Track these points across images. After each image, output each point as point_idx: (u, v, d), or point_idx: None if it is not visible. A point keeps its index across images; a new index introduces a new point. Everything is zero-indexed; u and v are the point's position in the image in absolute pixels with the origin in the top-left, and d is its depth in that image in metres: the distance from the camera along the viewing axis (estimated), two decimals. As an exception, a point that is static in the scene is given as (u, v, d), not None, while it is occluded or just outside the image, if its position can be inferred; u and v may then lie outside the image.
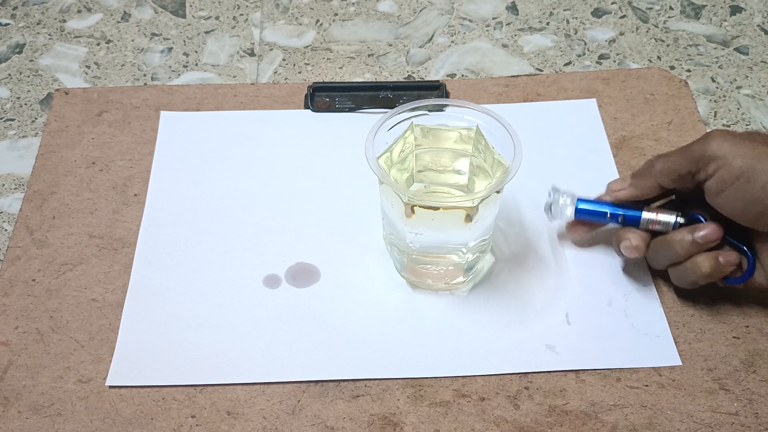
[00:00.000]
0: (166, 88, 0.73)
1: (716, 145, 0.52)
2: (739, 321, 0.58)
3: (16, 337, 0.57)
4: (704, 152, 0.53)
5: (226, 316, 0.58)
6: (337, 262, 0.61)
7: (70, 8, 0.83)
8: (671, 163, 0.55)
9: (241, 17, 0.82)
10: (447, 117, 0.58)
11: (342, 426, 0.53)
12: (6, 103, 0.74)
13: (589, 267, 0.61)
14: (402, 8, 0.83)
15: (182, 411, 0.53)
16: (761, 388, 0.54)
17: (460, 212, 0.54)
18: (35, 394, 0.54)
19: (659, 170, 0.56)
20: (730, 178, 0.52)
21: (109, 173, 0.67)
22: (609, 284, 0.60)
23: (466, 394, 0.54)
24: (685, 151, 0.55)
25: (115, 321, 0.58)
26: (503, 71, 0.77)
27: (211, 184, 0.66)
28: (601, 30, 0.81)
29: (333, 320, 0.58)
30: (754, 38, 0.80)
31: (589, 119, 0.71)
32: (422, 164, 0.59)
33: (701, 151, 0.53)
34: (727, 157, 0.52)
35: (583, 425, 0.53)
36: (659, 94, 0.72)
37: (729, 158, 0.52)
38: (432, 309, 0.59)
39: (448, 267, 0.58)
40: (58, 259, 0.61)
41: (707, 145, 0.53)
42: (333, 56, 0.78)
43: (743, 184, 0.51)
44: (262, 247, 0.62)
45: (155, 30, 0.81)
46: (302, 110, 0.72)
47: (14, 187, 0.67)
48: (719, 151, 0.52)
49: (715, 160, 0.52)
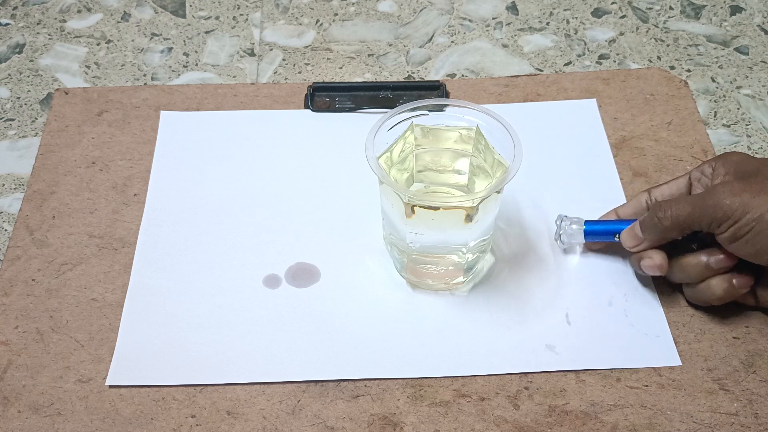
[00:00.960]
0: (166, 88, 0.73)
1: (728, 201, 0.52)
2: (739, 321, 0.58)
3: (16, 336, 0.57)
4: (716, 212, 0.52)
5: (226, 316, 0.58)
6: (337, 262, 0.61)
7: (70, 8, 0.83)
8: (682, 220, 0.54)
9: (241, 17, 0.82)
10: (447, 117, 0.58)
11: (342, 426, 0.53)
12: (6, 103, 0.74)
13: (589, 267, 0.61)
14: (402, 8, 0.83)
15: (182, 411, 0.53)
16: (761, 389, 0.54)
17: (460, 212, 0.54)
18: (35, 393, 0.54)
19: (670, 227, 0.55)
20: (742, 232, 0.52)
21: (109, 173, 0.67)
22: (609, 284, 0.60)
23: (466, 394, 0.54)
24: (695, 207, 0.54)
25: (115, 321, 0.58)
26: (503, 71, 0.77)
27: (211, 184, 0.66)
28: (601, 30, 0.81)
29: (333, 320, 0.58)
30: (754, 38, 0.80)
31: (589, 119, 0.71)
32: (422, 164, 0.59)
33: (713, 210, 0.52)
34: (737, 212, 0.52)
35: (583, 425, 0.53)
36: (659, 94, 0.72)
37: (740, 214, 0.52)
38: (432, 309, 0.59)
39: (448, 267, 0.58)
40: (58, 259, 0.61)
41: (719, 203, 0.52)
42: (333, 56, 0.78)
43: (754, 237, 0.52)
44: (262, 247, 0.62)
45: (155, 30, 0.81)
46: (302, 110, 0.72)
47: (14, 187, 0.67)
48: (731, 207, 0.52)
49: (728, 219, 0.52)
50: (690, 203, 0.54)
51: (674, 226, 0.55)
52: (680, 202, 0.55)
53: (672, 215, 0.54)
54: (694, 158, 0.67)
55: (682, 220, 0.54)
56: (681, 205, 0.54)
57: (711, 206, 0.53)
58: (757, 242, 0.52)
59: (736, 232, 0.52)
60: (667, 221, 0.55)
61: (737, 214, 0.52)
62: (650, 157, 0.67)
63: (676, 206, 0.54)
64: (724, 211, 0.52)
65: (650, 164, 0.67)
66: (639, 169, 0.67)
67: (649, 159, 0.67)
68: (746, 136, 0.71)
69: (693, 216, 0.54)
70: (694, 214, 0.53)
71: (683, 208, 0.54)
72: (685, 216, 0.54)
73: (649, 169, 0.67)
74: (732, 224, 0.52)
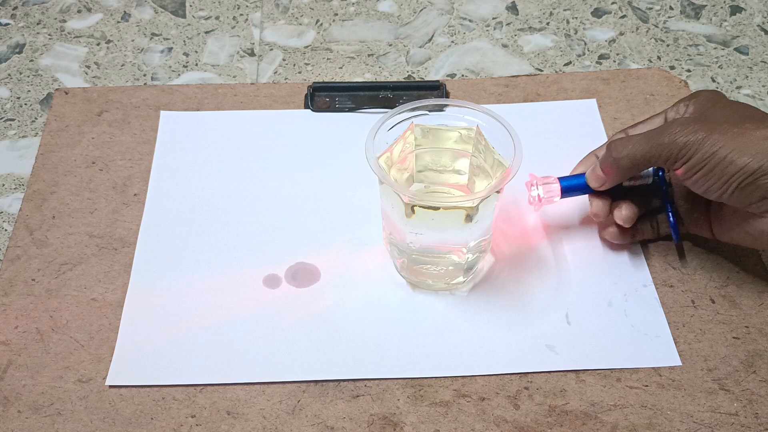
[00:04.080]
0: (166, 87, 0.73)
1: (683, 139, 0.53)
2: (739, 321, 0.58)
3: (16, 336, 0.57)
4: (670, 149, 0.54)
5: (226, 316, 0.58)
6: (337, 262, 0.61)
7: (70, 8, 0.83)
8: (638, 158, 0.55)
9: (241, 17, 0.82)
10: (447, 117, 0.58)
11: (342, 426, 0.53)
12: (6, 103, 0.74)
13: (589, 267, 0.61)
14: (402, 8, 0.83)
15: (182, 411, 0.53)
16: (761, 389, 0.54)
17: (460, 212, 0.54)
18: (35, 393, 0.54)
19: (627, 165, 0.56)
20: (695, 170, 0.53)
21: (109, 173, 0.67)
22: (609, 284, 0.60)
23: (466, 394, 0.54)
24: (651, 144, 0.55)
25: (115, 321, 0.58)
26: (503, 71, 0.77)
27: (211, 184, 0.66)
28: (601, 30, 0.81)
29: (333, 320, 0.58)
30: (754, 38, 0.80)
31: (589, 119, 0.71)
32: (422, 164, 0.59)
33: (668, 148, 0.54)
34: (691, 150, 0.53)
35: (583, 425, 0.53)
36: (659, 94, 0.72)
37: (693, 151, 0.53)
38: (432, 309, 0.59)
39: (448, 267, 0.58)
40: (57, 259, 0.61)
41: (674, 141, 0.53)
42: (333, 56, 0.78)
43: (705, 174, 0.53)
44: (262, 247, 0.62)
45: (155, 30, 0.81)
46: (302, 110, 0.72)
47: (14, 187, 0.67)
48: (686, 144, 0.53)
49: (682, 157, 0.53)
50: (645, 141, 0.55)
51: (631, 165, 0.56)
52: (636, 140, 0.56)
53: (628, 154, 0.55)
54: (694, 158, 0.67)
55: (638, 158, 0.55)
56: (636, 144, 0.55)
57: (666, 144, 0.54)
58: (708, 179, 0.53)
59: (688, 169, 0.53)
60: (623, 161, 0.56)
61: (690, 151, 0.53)
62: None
63: (632, 144, 0.55)
64: (679, 148, 0.53)
65: (650, 164, 0.67)
66: (639, 169, 0.67)
67: (649, 159, 0.67)
68: (746, 136, 0.71)
69: (648, 154, 0.55)
70: (650, 152, 0.55)
71: (638, 146, 0.55)
72: (641, 154, 0.55)
73: (649, 169, 0.67)
74: (686, 161, 0.53)
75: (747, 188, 0.52)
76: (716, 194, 0.53)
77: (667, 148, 0.54)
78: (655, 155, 0.54)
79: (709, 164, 0.52)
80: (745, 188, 0.52)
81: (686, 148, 0.53)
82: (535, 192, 0.61)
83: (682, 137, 0.53)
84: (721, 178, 0.52)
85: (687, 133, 0.53)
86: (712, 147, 0.52)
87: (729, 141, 0.52)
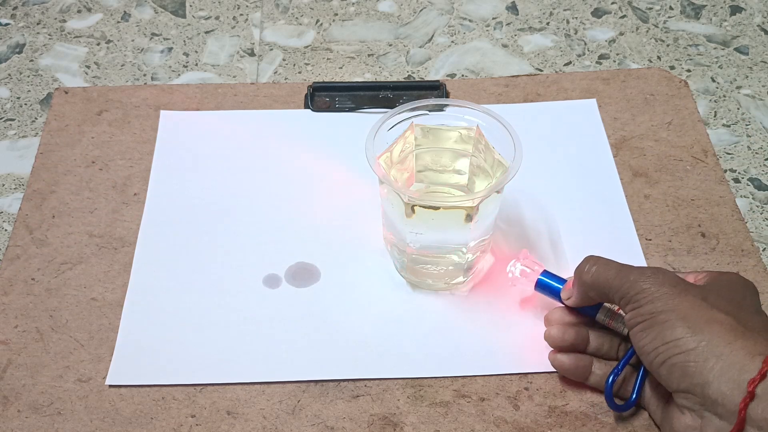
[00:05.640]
0: (166, 87, 0.73)
1: (646, 286, 0.49)
2: (739, 321, 0.58)
3: (16, 336, 0.57)
4: (630, 289, 0.49)
5: (226, 316, 0.58)
6: (337, 262, 0.61)
7: (70, 8, 0.83)
8: (601, 281, 0.51)
9: (241, 17, 0.82)
10: (447, 117, 0.58)
11: (342, 426, 0.53)
12: (6, 103, 0.74)
13: (589, 267, 0.61)
14: (402, 8, 0.83)
15: (182, 411, 0.53)
16: (761, 389, 0.54)
17: (460, 212, 0.54)
18: (35, 393, 0.54)
19: (589, 282, 0.52)
20: (637, 321, 0.49)
21: (108, 172, 0.67)
22: (609, 284, 0.60)
23: (466, 395, 0.54)
24: (618, 275, 0.50)
25: (115, 320, 0.58)
26: (503, 71, 0.77)
27: (211, 183, 0.66)
28: (601, 30, 0.81)
29: (333, 320, 0.58)
30: (754, 38, 0.80)
31: (589, 119, 0.71)
32: (422, 164, 0.59)
33: (629, 286, 0.49)
34: (644, 299, 0.48)
35: (583, 426, 0.53)
36: (659, 94, 0.72)
37: (644, 302, 0.48)
38: (432, 309, 0.59)
39: (448, 267, 0.58)
40: (57, 258, 0.61)
41: (636, 282, 0.49)
42: (333, 56, 0.78)
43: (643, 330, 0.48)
44: (262, 247, 0.62)
45: (155, 30, 0.81)
46: (302, 110, 0.72)
47: (14, 187, 0.67)
48: (643, 292, 0.48)
49: (635, 302, 0.49)
50: (615, 270, 0.51)
51: (593, 284, 0.51)
52: (609, 265, 0.51)
53: (595, 272, 0.51)
54: (694, 158, 0.67)
55: (601, 281, 0.51)
56: (606, 267, 0.51)
57: (630, 281, 0.49)
58: (647, 334, 0.48)
59: (633, 316, 0.49)
60: (587, 276, 0.51)
61: (645, 299, 0.48)
62: (650, 157, 0.67)
63: (603, 266, 0.51)
64: (636, 292, 0.49)
65: (650, 164, 0.67)
66: (639, 169, 0.67)
67: (649, 159, 0.67)
68: (746, 136, 0.71)
69: (612, 282, 0.50)
70: (613, 282, 0.50)
71: (606, 270, 0.51)
72: (604, 278, 0.51)
73: (649, 169, 0.67)
74: (635, 307, 0.49)
75: (676, 367, 0.46)
76: (649, 357, 0.48)
77: (628, 286, 0.49)
78: (615, 286, 0.50)
79: (651, 320, 0.47)
80: (675, 365, 0.46)
81: (642, 294, 0.48)
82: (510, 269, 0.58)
83: (646, 284, 0.49)
84: (655, 339, 0.47)
85: (652, 283, 0.49)
86: (665, 306, 0.47)
87: (687, 311, 0.47)
